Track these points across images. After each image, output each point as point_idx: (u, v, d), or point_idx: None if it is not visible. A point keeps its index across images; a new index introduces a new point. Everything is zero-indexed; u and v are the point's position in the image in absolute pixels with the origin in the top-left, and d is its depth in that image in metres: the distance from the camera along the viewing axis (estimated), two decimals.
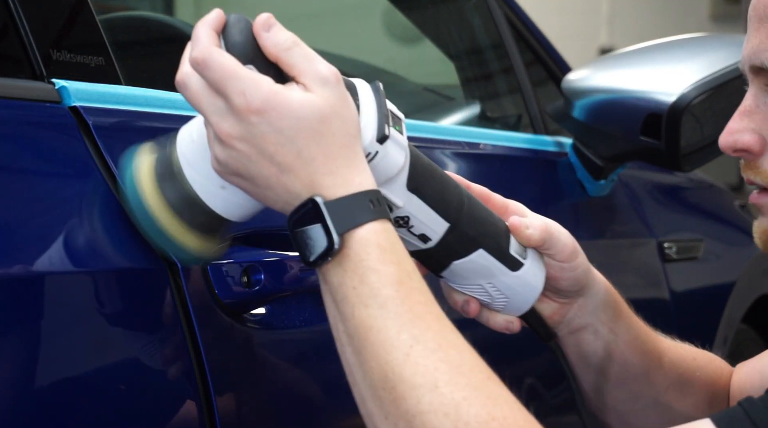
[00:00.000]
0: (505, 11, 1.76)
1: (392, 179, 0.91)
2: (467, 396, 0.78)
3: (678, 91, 1.48)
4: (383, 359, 0.80)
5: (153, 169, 0.88)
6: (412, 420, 0.78)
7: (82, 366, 0.87)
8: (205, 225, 0.89)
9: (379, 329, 0.80)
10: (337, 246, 0.82)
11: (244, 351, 1.00)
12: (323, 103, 0.84)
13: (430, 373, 0.79)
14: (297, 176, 0.84)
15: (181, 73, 0.86)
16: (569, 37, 6.96)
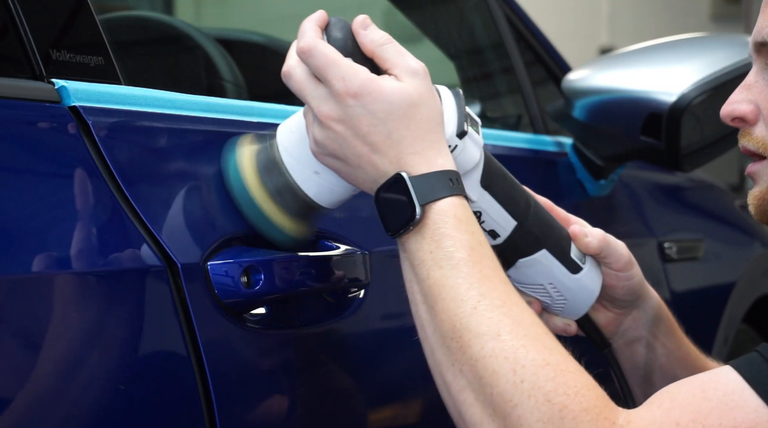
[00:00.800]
0: (505, 11, 1.76)
1: (468, 174, 1.00)
2: (525, 344, 0.86)
3: (678, 91, 1.48)
4: (453, 312, 0.89)
5: (254, 159, 0.99)
6: (476, 365, 0.86)
7: (82, 366, 0.87)
8: (300, 211, 1.00)
9: (451, 286, 0.90)
10: (419, 216, 0.92)
11: (243, 351, 1.00)
12: (412, 91, 0.95)
13: (494, 324, 0.88)
14: (386, 155, 0.94)
15: (287, 64, 0.97)
16: (569, 37, 6.96)
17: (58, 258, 0.87)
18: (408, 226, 0.93)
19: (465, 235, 0.92)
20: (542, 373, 0.85)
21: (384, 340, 1.17)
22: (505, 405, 0.84)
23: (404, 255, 0.94)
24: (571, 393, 0.84)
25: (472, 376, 0.87)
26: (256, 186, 0.99)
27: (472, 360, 0.87)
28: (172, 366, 0.93)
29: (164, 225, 0.96)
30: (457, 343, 0.88)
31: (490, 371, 0.86)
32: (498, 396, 0.85)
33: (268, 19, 2.49)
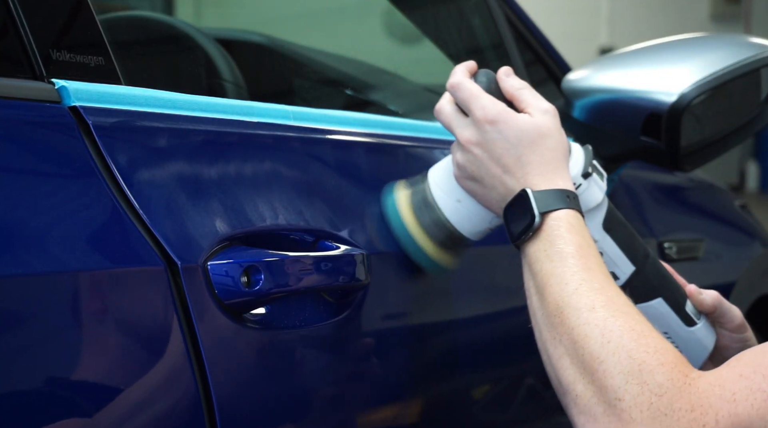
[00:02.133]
0: (505, 11, 1.76)
1: (591, 213, 1.15)
2: (615, 315, 0.99)
3: (678, 91, 1.48)
4: (558, 294, 1.02)
5: (410, 200, 1.17)
6: (572, 332, 0.99)
7: (81, 366, 0.87)
8: (448, 242, 1.17)
9: (558, 274, 1.04)
10: (537, 223, 1.06)
11: (244, 351, 1.00)
12: (542, 124, 1.12)
13: (590, 300, 1.01)
14: (514, 176, 1.10)
15: (439, 103, 1.16)
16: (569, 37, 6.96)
17: (58, 258, 0.87)
18: (528, 232, 1.07)
19: (575, 237, 1.06)
20: (627, 336, 0.97)
21: (384, 340, 1.17)
22: (593, 362, 0.96)
23: (524, 260, 1.08)
24: (650, 351, 0.95)
25: (568, 343, 0.99)
26: (412, 222, 1.17)
27: (569, 329, 1.00)
28: (172, 366, 0.93)
29: (164, 225, 0.96)
30: (559, 318, 1.01)
31: (583, 336, 0.98)
32: (588, 356, 0.97)
33: (268, 19, 2.49)
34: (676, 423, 0.91)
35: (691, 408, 0.91)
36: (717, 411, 0.91)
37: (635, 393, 0.93)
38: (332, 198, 1.14)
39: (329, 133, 1.20)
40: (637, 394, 0.93)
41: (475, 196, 1.15)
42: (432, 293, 1.25)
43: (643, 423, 0.92)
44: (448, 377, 1.26)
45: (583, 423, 0.96)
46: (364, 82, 1.86)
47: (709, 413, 0.91)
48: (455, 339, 1.28)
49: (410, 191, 1.18)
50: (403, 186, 1.19)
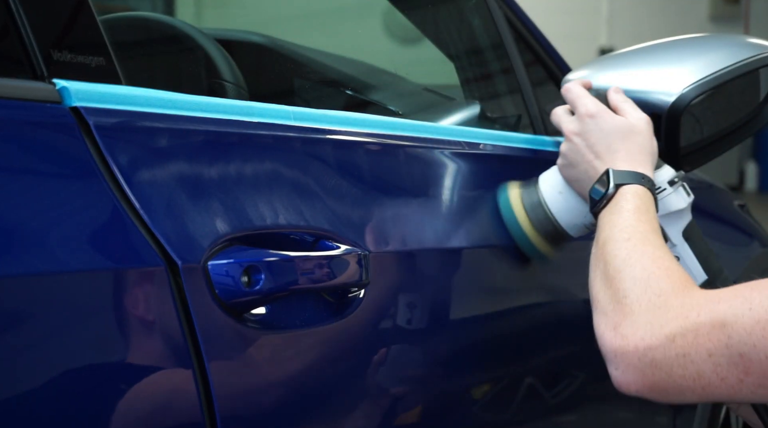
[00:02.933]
0: (505, 11, 1.76)
1: (671, 217, 1.33)
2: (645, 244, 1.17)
3: (678, 91, 1.48)
4: (606, 234, 1.21)
5: (521, 198, 1.38)
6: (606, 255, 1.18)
7: (81, 366, 0.87)
8: (550, 234, 1.37)
9: (612, 221, 1.22)
10: (611, 192, 1.25)
11: (244, 351, 1.00)
12: (634, 124, 1.33)
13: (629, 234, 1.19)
14: (603, 161, 1.30)
15: (554, 111, 1.39)
16: (569, 37, 6.96)
17: (59, 259, 0.87)
18: (603, 200, 1.26)
19: (637, 201, 1.24)
20: (648, 257, 1.15)
21: (384, 340, 1.17)
22: (615, 273, 1.15)
23: (596, 234, 1.24)
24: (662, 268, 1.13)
25: (603, 264, 1.18)
26: (523, 217, 1.37)
27: (605, 254, 1.18)
28: (172, 366, 0.93)
29: (165, 225, 0.96)
30: (602, 249, 1.19)
31: (612, 255, 1.17)
32: (612, 269, 1.16)
33: (269, 19, 2.49)
34: (665, 315, 1.07)
35: (681, 304, 1.07)
36: (702, 307, 1.06)
37: (639, 293, 1.11)
38: (332, 198, 1.14)
39: (329, 133, 1.21)
40: (640, 294, 1.11)
41: (572, 183, 1.35)
42: (432, 293, 1.25)
43: (640, 314, 1.09)
44: (448, 377, 1.26)
45: (599, 321, 1.13)
46: (364, 82, 1.86)
47: (695, 308, 1.06)
48: (455, 339, 1.28)
49: (522, 190, 1.39)
50: (516, 186, 1.40)
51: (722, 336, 1.04)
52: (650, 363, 1.07)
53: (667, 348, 1.07)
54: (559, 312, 1.51)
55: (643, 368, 1.08)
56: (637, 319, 1.09)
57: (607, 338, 1.11)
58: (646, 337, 1.08)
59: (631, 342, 1.09)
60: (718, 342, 1.04)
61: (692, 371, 1.06)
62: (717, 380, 1.05)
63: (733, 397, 1.06)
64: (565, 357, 1.52)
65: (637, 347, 1.08)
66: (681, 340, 1.06)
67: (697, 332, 1.05)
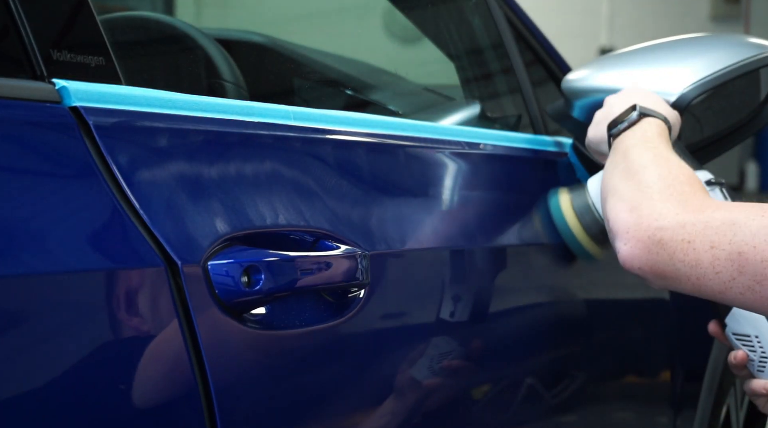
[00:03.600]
0: (505, 11, 1.76)
1: None
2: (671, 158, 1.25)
3: (678, 91, 1.48)
4: (627, 146, 1.28)
5: (571, 202, 1.45)
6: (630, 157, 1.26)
7: (81, 366, 0.87)
8: (600, 237, 1.42)
9: (637, 138, 1.30)
10: (635, 116, 1.32)
11: (244, 351, 1.00)
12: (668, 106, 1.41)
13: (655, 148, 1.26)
14: (633, 100, 1.36)
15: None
16: (569, 37, 6.96)
17: (59, 258, 0.87)
18: (624, 121, 1.32)
19: (658, 129, 1.30)
20: (673, 164, 1.22)
21: (384, 340, 1.17)
22: (639, 167, 1.23)
23: (613, 150, 1.31)
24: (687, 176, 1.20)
25: (624, 165, 1.25)
26: (573, 220, 1.44)
27: (628, 158, 1.26)
28: (172, 366, 0.93)
29: (165, 225, 0.96)
30: (623, 156, 1.27)
31: (638, 156, 1.25)
32: (636, 165, 1.23)
33: (269, 19, 2.49)
34: (684, 205, 1.15)
35: (701, 201, 1.15)
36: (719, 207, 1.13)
37: (662, 187, 1.18)
38: (332, 198, 1.14)
39: (329, 133, 1.21)
40: (663, 187, 1.18)
41: (593, 137, 1.43)
42: (432, 293, 1.25)
43: (660, 200, 1.16)
44: (448, 377, 1.26)
45: (613, 205, 1.21)
46: (364, 82, 1.86)
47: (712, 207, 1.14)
48: (455, 339, 1.28)
49: (572, 195, 1.45)
50: (566, 191, 1.47)
51: (729, 232, 1.09)
52: (657, 242, 1.14)
53: (676, 232, 1.13)
54: (559, 313, 1.51)
55: (650, 245, 1.15)
56: (656, 204, 1.16)
57: (622, 217, 1.18)
58: (660, 219, 1.15)
59: (645, 221, 1.16)
60: (723, 237, 1.09)
61: (692, 258, 1.11)
62: (712, 272, 1.10)
63: (723, 294, 1.11)
64: (566, 357, 1.52)
65: (650, 225, 1.15)
66: (690, 228, 1.12)
67: (707, 223, 1.11)
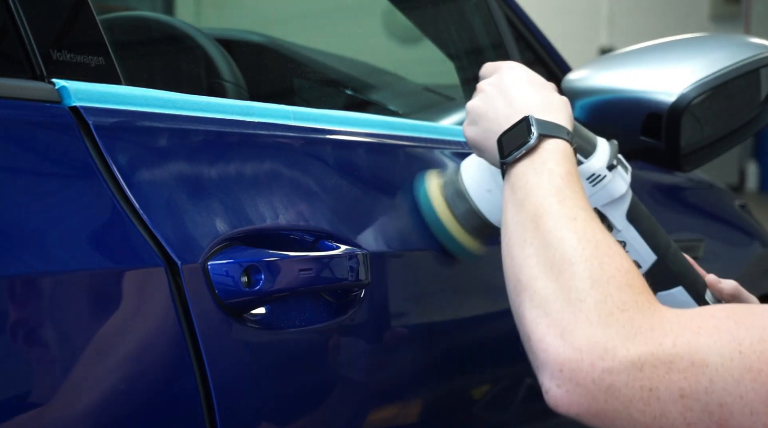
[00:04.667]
0: (505, 11, 1.76)
1: (615, 204, 1.19)
2: (595, 231, 0.98)
3: (678, 91, 1.48)
4: (539, 202, 1.01)
5: (441, 189, 1.20)
6: (547, 235, 0.98)
7: (81, 366, 0.87)
8: (477, 230, 1.20)
9: (545, 187, 1.02)
10: (533, 141, 1.04)
11: (244, 351, 1.00)
12: (553, 86, 1.14)
13: (573, 212, 1.00)
14: (518, 110, 1.09)
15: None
16: (569, 37, 6.96)
17: (59, 258, 0.87)
18: (521, 149, 1.05)
19: (568, 165, 1.04)
20: (602, 250, 0.96)
21: (384, 340, 1.17)
22: (564, 263, 0.95)
23: (507, 180, 1.06)
24: (622, 270, 0.95)
25: (540, 245, 0.98)
26: (444, 210, 1.20)
27: (545, 232, 0.99)
28: (172, 366, 0.93)
29: (164, 225, 0.96)
30: (535, 223, 1.00)
31: (558, 238, 0.97)
32: (559, 256, 0.96)
33: (269, 19, 2.49)
34: (632, 335, 0.90)
35: (651, 327, 0.90)
36: (677, 335, 0.89)
37: (598, 300, 0.92)
38: (332, 198, 1.14)
39: (329, 133, 1.20)
40: (600, 301, 0.91)
41: (477, 144, 1.14)
42: (432, 293, 1.25)
43: (600, 326, 0.90)
44: (449, 377, 1.26)
45: (535, 317, 0.94)
46: (364, 82, 1.86)
47: (669, 335, 0.89)
48: (455, 339, 1.28)
49: (442, 181, 1.22)
50: (435, 176, 1.23)
51: (702, 378, 0.88)
52: (606, 389, 0.90)
53: (632, 377, 0.89)
54: None
55: (596, 392, 0.90)
56: (596, 332, 0.90)
57: (551, 345, 0.93)
58: (607, 358, 0.89)
59: (587, 358, 0.90)
60: (696, 384, 0.88)
61: (656, 409, 0.89)
62: (683, 424, 0.89)
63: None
64: None
65: (594, 366, 0.90)
66: (650, 371, 0.89)
67: (671, 365, 0.89)
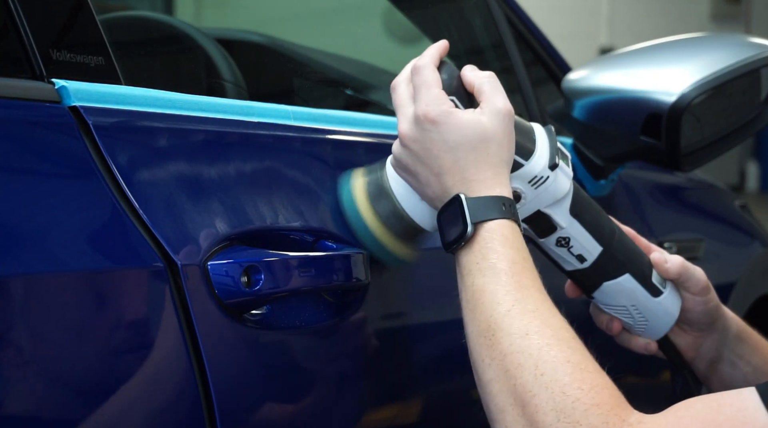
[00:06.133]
0: (505, 11, 1.76)
1: (558, 202, 1.12)
2: (550, 343, 0.94)
3: (678, 91, 1.48)
4: (489, 314, 0.98)
5: (366, 189, 1.10)
6: (504, 359, 0.95)
7: (81, 366, 0.87)
8: (406, 234, 1.11)
9: (491, 292, 0.99)
10: (469, 233, 1.01)
11: (244, 351, 1.00)
12: (488, 128, 1.04)
13: (523, 325, 0.96)
14: (452, 178, 1.04)
15: (397, 78, 1.10)
16: (569, 37, 6.97)
17: (59, 258, 0.87)
18: (460, 241, 1.02)
19: (510, 251, 1.00)
20: (561, 369, 0.92)
21: (384, 340, 1.17)
22: (525, 394, 0.92)
23: (458, 269, 1.03)
24: (585, 388, 0.91)
25: (499, 370, 0.95)
26: (368, 212, 1.10)
27: (501, 356, 0.95)
28: (172, 366, 0.93)
29: (164, 225, 0.96)
30: (489, 341, 0.96)
31: (516, 365, 0.94)
32: (520, 387, 0.92)
33: (269, 19, 2.49)
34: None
35: None
36: None
37: (558, 414, 0.90)
38: (332, 198, 1.14)
39: (329, 133, 1.21)
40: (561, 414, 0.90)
41: (412, 187, 1.09)
42: (432, 293, 1.25)
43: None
44: (448, 377, 1.26)
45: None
46: (364, 82, 1.86)
47: None
48: (455, 339, 1.28)
49: (367, 179, 1.12)
50: (361, 173, 1.13)
51: None
52: None
53: None
54: None
55: None
56: None
57: None
58: None
59: None
60: None
61: None
62: None
63: None
64: None
65: None
66: None
67: None
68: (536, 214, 1.12)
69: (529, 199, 1.11)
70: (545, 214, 1.13)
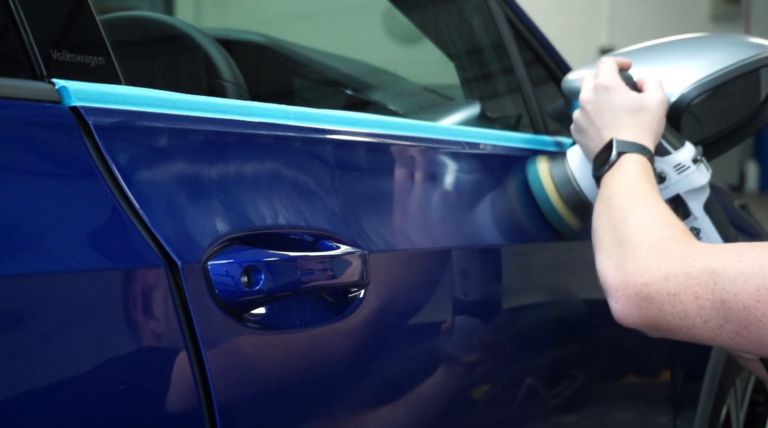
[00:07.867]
0: (505, 11, 1.76)
1: (694, 193, 1.43)
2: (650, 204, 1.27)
3: (678, 91, 1.48)
4: (614, 188, 1.32)
5: (550, 172, 1.48)
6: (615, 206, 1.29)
7: (81, 366, 0.87)
8: (577, 207, 1.48)
9: (619, 182, 1.32)
10: (613, 158, 1.35)
11: (244, 351, 1.00)
12: (646, 102, 1.41)
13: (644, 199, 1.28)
14: (609, 131, 1.39)
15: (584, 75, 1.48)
16: (569, 37, 6.97)
17: (59, 258, 0.87)
18: (605, 165, 1.35)
19: (639, 166, 1.33)
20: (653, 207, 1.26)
21: (384, 340, 1.17)
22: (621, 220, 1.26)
23: (599, 192, 1.35)
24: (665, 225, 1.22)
25: (609, 213, 1.28)
26: (552, 191, 1.47)
27: (612, 206, 1.29)
28: (172, 366, 0.93)
29: (164, 225, 0.96)
30: (611, 201, 1.30)
31: (618, 205, 1.28)
32: (619, 217, 1.26)
33: (269, 19, 2.49)
34: (665, 257, 1.18)
35: (681, 249, 1.18)
36: (698, 255, 1.15)
37: (642, 238, 1.21)
38: (332, 198, 1.14)
39: (329, 133, 1.21)
40: (643, 238, 1.21)
41: (581, 147, 1.44)
42: (432, 293, 1.25)
43: (642, 254, 1.20)
44: (448, 377, 1.26)
45: (603, 261, 1.25)
46: (364, 82, 1.86)
47: (692, 255, 1.16)
48: (455, 339, 1.28)
49: (550, 165, 1.48)
50: (544, 160, 1.49)
51: (710, 281, 1.12)
52: (645, 298, 1.18)
53: (661, 286, 1.16)
54: (559, 313, 1.51)
55: (639, 302, 1.18)
56: (639, 259, 1.19)
57: (609, 275, 1.22)
58: (645, 274, 1.18)
59: (631, 278, 1.19)
60: (705, 287, 1.12)
61: (680, 310, 1.15)
62: (701, 322, 1.13)
63: (714, 341, 1.14)
64: (566, 357, 1.52)
65: (636, 282, 1.18)
66: (674, 280, 1.15)
67: (689, 274, 1.14)
68: (675, 197, 1.42)
69: (672, 182, 1.42)
70: (683, 200, 1.42)
